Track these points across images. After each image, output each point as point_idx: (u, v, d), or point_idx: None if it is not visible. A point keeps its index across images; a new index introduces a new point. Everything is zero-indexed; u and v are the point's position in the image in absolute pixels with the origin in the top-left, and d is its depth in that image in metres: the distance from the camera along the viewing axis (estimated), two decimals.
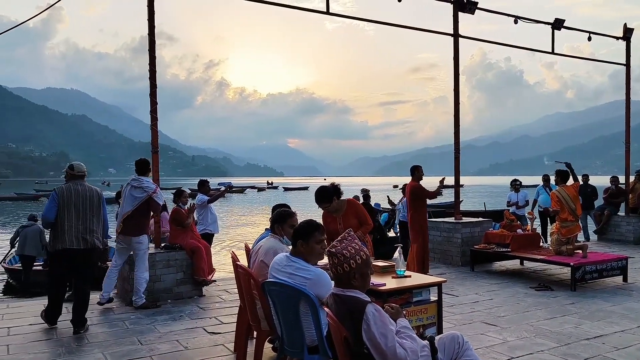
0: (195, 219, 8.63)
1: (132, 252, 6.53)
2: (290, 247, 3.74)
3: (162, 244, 7.07)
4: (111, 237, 6.90)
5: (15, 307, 6.64)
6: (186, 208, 7.48)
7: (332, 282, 3.04)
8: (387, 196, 14.24)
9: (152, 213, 6.62)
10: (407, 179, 10.93)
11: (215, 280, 7.43)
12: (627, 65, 12.56)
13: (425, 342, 2.76)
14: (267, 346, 4.59)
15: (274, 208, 5.20)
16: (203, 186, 9.74)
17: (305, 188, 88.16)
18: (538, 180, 13.93)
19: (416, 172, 8.41)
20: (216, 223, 9.71)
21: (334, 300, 2.84)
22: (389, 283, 4.19)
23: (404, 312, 3.90)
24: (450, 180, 9.26)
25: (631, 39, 12.38)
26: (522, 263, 9.39)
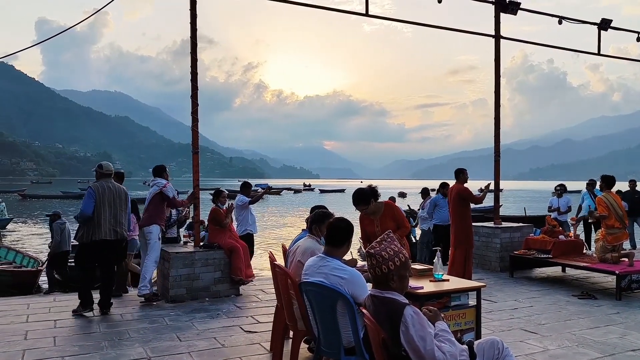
0: (234, 219, 8.78)
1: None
2: None
3: (201, 243, 7.20)
4: (134, 231, 7.32)
5: (62, 300, 6.88)
6: (225, 208, 7.59)
7: (369, 284, 3.03)
8: (407, 205, 14.17)
9: (165, 205, 7.08)
10: (442, 182, 10.82)
11: (252, 280, 7.51)
12: None
13: (464, 346, 2.73)
14: (303, 346, 4.62)
15: (312, 209, 5.22)
16: (246, 188, 9.89)
17: (342, 190, 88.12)
18: (580, 185, 13.55)
19: (461, 175, 8.27)
20: (255, 224, 9.95)
21: (372, 301, 2.83)
22: (427, 286, 4.15)
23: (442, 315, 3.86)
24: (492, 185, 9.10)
25: None
26: (564, 270, 9.14)
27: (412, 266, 4.67)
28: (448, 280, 4.40)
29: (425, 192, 12.07)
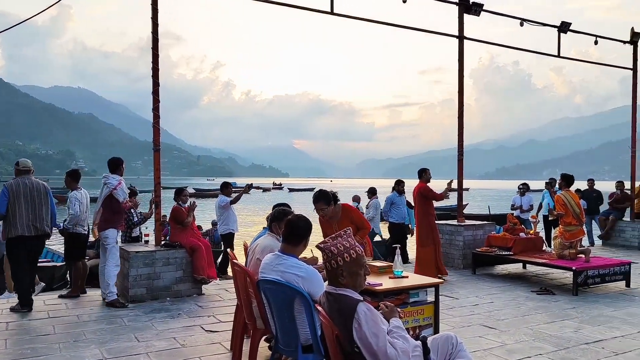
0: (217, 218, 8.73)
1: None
2: None
3: (162, 242, 7.08)
4: (59, 225, 7.07)
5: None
6: (186, 206, 7.48)
7: (325, 281, 3.02)
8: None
9: (120, 207, 6.69)
10: (413, 182, 10.89)
11: (215, 279, 7.42)
12: (634, 69, 12.46)
13: (418, 342, 2.74)
14: (264, 345, 4.58)
15: (274, 207, 5.19)
16: (226, 188, 10.19)
17: (311, 189, 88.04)
18: (543, 184, 13.86)
19: (424, 175, 8.40)
20: (236, 222, 10.21)
21: (327, 298, 2.82)
22: (386, 283, 4.17)
23: (400, 312, 3.88)
24: (455, 183, 9.23)
25: (638, 43, 12.30)
26: (524, 267, 9.33)
27: (373, 263, 4.69)
28: (407, 277, 4.44)
29: (372, 192, 11.94)
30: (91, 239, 8.89)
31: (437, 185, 8.51)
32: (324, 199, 5.37)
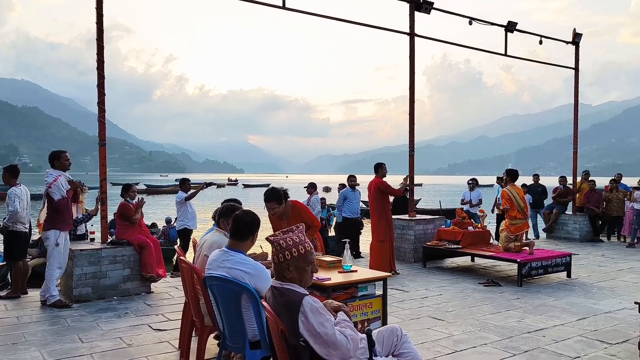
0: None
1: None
2: None
3: (109, 239, 6.88)
4: None
5: None
6: (134, 203, 7.29)
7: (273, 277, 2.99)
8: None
9: (63, 206, 6.36)
10: (368, 177, 10.98)
11: (165, 277, 7.27)
12: (576, 69, 12.98)
13: (363, 335, 2.75)
14: (213, 342, 4.53)
15: (223, 203, 5.12)
16: (184, 184, 10.27)
17: (266, 185, 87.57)
18: (493, 179, 14.29)
19: (380, 170, 8.48)
20: (195, 219, 10.25)
21: (272, 293, 2.80)
22: (335, 278, 4.18)
23: (348, 306, 3.91)
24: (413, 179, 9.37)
25: (580, 44, 12.81)
26: (472, 259, 9.59)
27: (322, 258, 4.70)
28: (356, 271, 4.47)
29: (312, 187, 11.89)
30: (35, 237, 8.55)
31: (392, 180, 8.62)
32: (275, 199, 5.22)
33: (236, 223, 3.47)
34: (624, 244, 12.28)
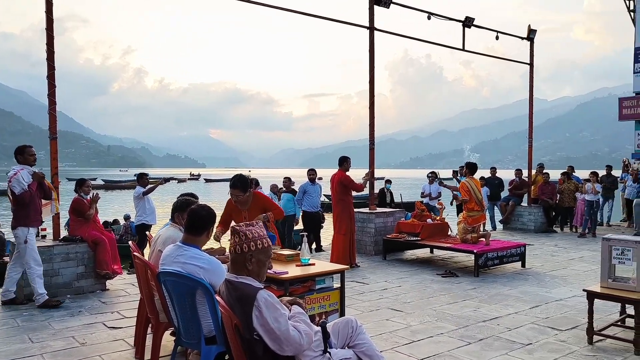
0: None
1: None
2: None
3: (62, 236, 6.66)
4: None
5: None
6: (88, 198, 7.08)
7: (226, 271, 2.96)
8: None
9: (31, 201, 6.05)
10: (331, 171, 11.01)
11: (120, 273, 7.10)
12: (531, 64, 13.32)
13: (318, 328, 2.76)
14: (170, 339, 4.45)
15: (179, 197, 5.03)
16: (142, 179, 10.13)
17: (229, 180, 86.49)
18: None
19: (345, 163, 8.51)
20: (154, 214, 10.09)
21: (226, 286, 2.76)
22: (292, 271, 4.17)
23: (306, 299, 3.91)
24: (376, 172, 9.44)
25: (534, 40, 13.15)
26: (432, 251, 9.75)
27: (280, 252, 4.69)
28: (314, 264, 4.47)
29: (255, 184, 11.75)
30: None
31: (354, 174, 8.68)
32: (241, 187, 5.14)
33: (191, 217, 3.41)
34: (576, 234, 12.72)
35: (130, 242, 4.70)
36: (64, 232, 6.88)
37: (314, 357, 2.69)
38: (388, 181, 15.52)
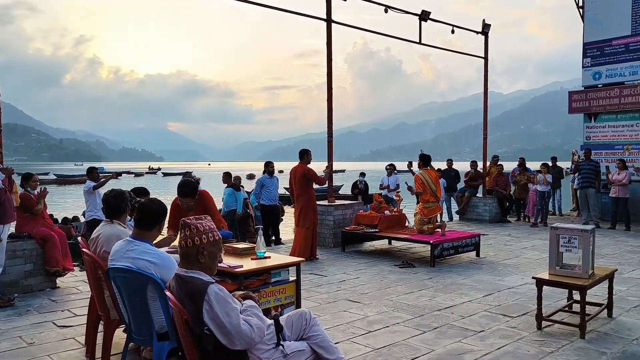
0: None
1: None
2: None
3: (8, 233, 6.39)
4: None
5: None
6: (36, 193, 6.82)
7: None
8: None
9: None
10: (292, 164, 10.95)
11: (72, 270, 6.89)
12: (485, 58, 13.60)
13: (271, 321, 2.74)
14: (122, 336, 4.34)
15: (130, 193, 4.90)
16: (92, 173, 9.93)
17: (188, 173, 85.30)
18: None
19: (306, 156, 8.50)
20: None
21: (176, 281, 2.71)
22: (248, 264, 4.13)
23: (261, 292, 3.88)
24: (336, 165, 9.46)
25: (489, 34, 13.43)
26: (390, 242, 9.86)
27: (235, 245, 4.64)
28: (270, 257, 4.44)
29: (228, 176, 11.72)
30: None
31: (314, 167, 8.68)
32: (191, 194, 4.99)
33: (142, 212, 3.34)
34: (529, 223, 13.11)
35: (79, 238, 4.55)
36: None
37: (267, 350, 2.68)
38: (362, 174, 15.76)
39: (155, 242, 3.50)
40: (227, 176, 11.98)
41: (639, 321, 5.05)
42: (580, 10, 14.85)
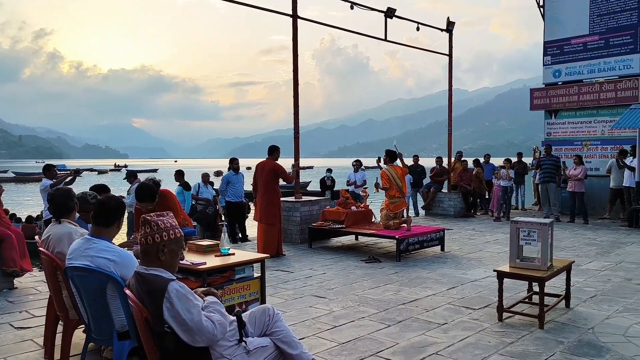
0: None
1: None
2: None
3: None
4: None
5: None
6: None
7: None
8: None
9: None
10: (259, 161, 10.87)
11: (30, 270, 6.69)
12: (450, 55, 13.80)
13: (233, 317, 2.73)
14: (83, 336, 4.25)
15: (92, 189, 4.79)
16: (49, 170, 9.68)
17: (154, 170, 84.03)
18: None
19: (275, 152, 8.49)
20: None
21: (136, 279, 2.66)
22: (211, 262, 4.10)
23: (225, 289, 3.85)
24: (304, 162, 9.47)
25: (453, 32, 13.62)
26: (356, 238, 9.92)
27: (199, 242, 4.59)
28: (234, 254, 4.41)
29: (133, 175, 11.23)
30: None
31: (282, 164, 8.67)
32: (150, 199, 4.86)
33: (100, 209, 3.27)
34: (492, 218, 13.39)
35: (36, 237, 4.42)
36: None
37: (229, 346, 2.66)
38: (329, 170, 15.82)
39: (124, 246, 3.43)
40: (178, 174, 11.65)
41: (595, 311, 5.23)
42: (542, 9, 15.22)
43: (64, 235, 3.61)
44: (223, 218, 12.01)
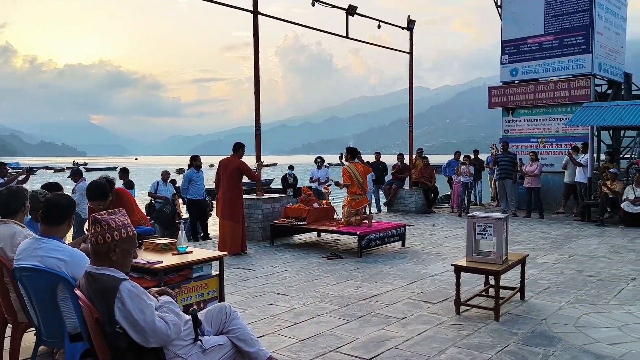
0: None
1: None
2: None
3: None
4: None
5: None
6: None
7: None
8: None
9: None
10: (219, 158, 10.72)
11: None
12: (411, 53, 13.96)
13: (189, 316, 2.69)
14: (33, 339, 4.11)
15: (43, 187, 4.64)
16: (0, 168, 9.59)
17: (113, 168, 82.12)
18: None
19: (240, 150, 8.46)
20: None
21: (87, 279, 2.59)
22: (168, 260, 4.03)
23: (182, 288, 3.80)
24: (268, 159, 9.43)
25: (414, 30, 13.78)
26: (319, 235, 9.94)
27: (156, 241, 4.51)
28: (192, 252, 4.35)
29: (78, 174, 10.82)
30: None
31: (245, 161, 8.61)
32: (102, 197, 4.69)
33: (49, 207, 3.16)
34: (455, 214, 13.64)
35: None
36: None
37: (184, 346, 2.62)
38: (291, 167, 15.82)
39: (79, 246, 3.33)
40: (122, 172, 11.28)
41: (548, 303, 5.39)
42: (499, 9, 15.57)
43: (7, 236, 3.47)
44: (182, 216, 11.84)
